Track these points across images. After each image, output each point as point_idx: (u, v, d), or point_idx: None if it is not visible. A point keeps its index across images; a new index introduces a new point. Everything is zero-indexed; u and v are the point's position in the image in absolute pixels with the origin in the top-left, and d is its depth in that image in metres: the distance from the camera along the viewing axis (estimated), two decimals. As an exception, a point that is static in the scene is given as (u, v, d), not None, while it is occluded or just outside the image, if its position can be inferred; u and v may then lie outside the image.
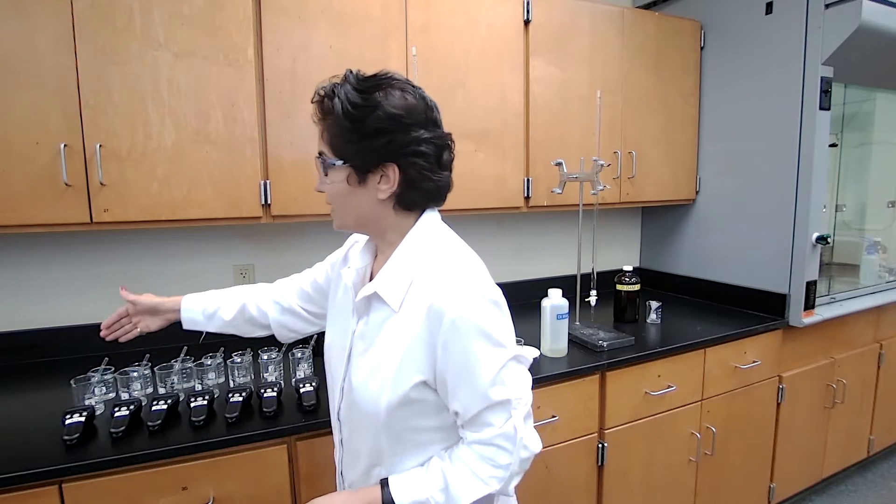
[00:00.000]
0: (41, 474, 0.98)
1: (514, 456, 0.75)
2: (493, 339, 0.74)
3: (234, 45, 1.38)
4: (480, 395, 0.74)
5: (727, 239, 2.21)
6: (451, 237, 0.85)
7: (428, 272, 0.77)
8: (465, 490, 0.73)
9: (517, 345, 0.83)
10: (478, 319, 0.73)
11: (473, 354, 0.73)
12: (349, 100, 0.73)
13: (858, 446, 2.44)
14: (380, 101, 0.73)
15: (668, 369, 1.70)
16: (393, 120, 0.73)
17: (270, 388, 1.25)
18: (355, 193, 0.78)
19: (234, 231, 1.77)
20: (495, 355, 0.74)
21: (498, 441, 0.75)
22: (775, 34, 1.95)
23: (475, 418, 0.75)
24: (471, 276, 0.76)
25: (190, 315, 1.08)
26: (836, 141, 2.45)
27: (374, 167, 0.75)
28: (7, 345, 1.54)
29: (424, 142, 0.75)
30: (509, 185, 1.84)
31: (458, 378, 0.74)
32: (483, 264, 0.82)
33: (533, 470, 1.48)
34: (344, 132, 0.74)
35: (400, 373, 0.76)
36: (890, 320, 2.44)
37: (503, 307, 0.78)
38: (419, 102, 0.76)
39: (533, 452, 0.79)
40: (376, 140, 0.73)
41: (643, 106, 2.09)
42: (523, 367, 0.82)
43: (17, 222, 1.25)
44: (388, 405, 0.77)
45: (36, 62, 1.21)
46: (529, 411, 0.79)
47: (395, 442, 0.79)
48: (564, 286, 1.74)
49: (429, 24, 1.62)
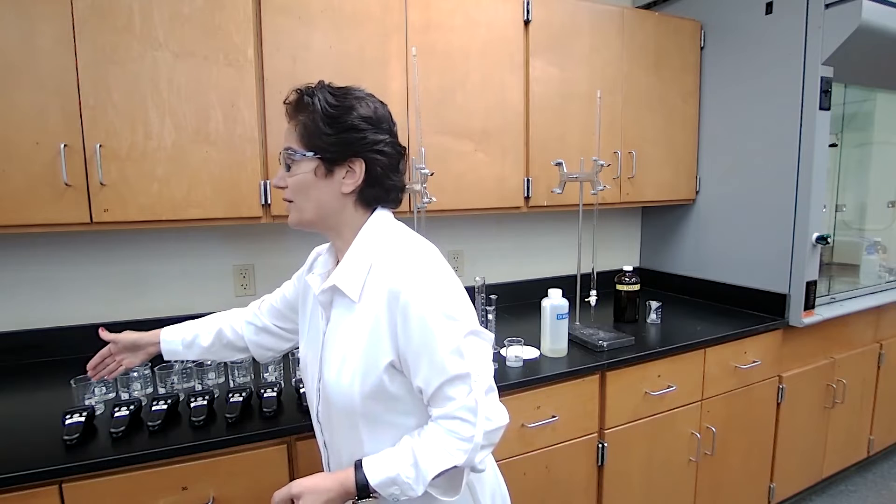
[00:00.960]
0: (41, 474, 0.98)
1: (477, 428, 0.76)
2: (448, 313, 0.77)
3: (234, 45, 1.39)
4: (439, 369, 0.76)
5: (727, 239, 2.21)
6: (403, 229, 0.89)
7: (383, 260, 0.82)
8: (433, 463, 0.75)
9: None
10: (432, 296, 0.77)
11: (430, 329, 0.76)
12: (327, 100, 0.81)
13: (858, 446, 2.44)
14: (354, 105, 0.82)
15: (668, 369, 1.70)
16: (365, 121, 0.81)
17: (270, 388, 1.25)
18: (320, 186, 0.83)
19: (234, 231, 1.77)
20: (451, 328, 0.77)
21: (460, 413, 0.76)
22: (775, 34, 1.95)
23: (437, 393, 0.77)
24: (423, 258, 0.81)
25: (169, 346, 1.10)
26: (836, 141, 2.45)
27: (342, 161, 0.82)
28: (7, 345, 1.54)
29: (388, 144, 0.84)
30: (509, 185, 1.84)
31: (418, 354, 0.77)
32: (436, 250, 0.87)
33: (533, 470, 1.49)
34: (319, 126, 0.80)
35: (368, 359, 0.80)
36: (890, 320, 2.44)
37: (456, 287, 0.82)
38: (386, 114, 0.86)
39: (499, 425, 0.79)
40: (350, 134, 0.80)
41: (643, 106, 2.09)
42: (484, 342, 0.83)
43: (17, 222, 1.25)
44: (362, 394, 0.80)
45: (36, 62, 1.21)
46: (492, 385, 0.81)
47: (372, 432, 0.83)
48: (564, 286, 1.74)
49: (429, 23, 1.62)
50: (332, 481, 0.79)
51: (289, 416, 1.20)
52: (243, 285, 1.80)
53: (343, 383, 0.81)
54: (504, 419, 0.81)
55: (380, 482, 0.76)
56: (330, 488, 0.78)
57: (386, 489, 0.76)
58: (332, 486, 0.78)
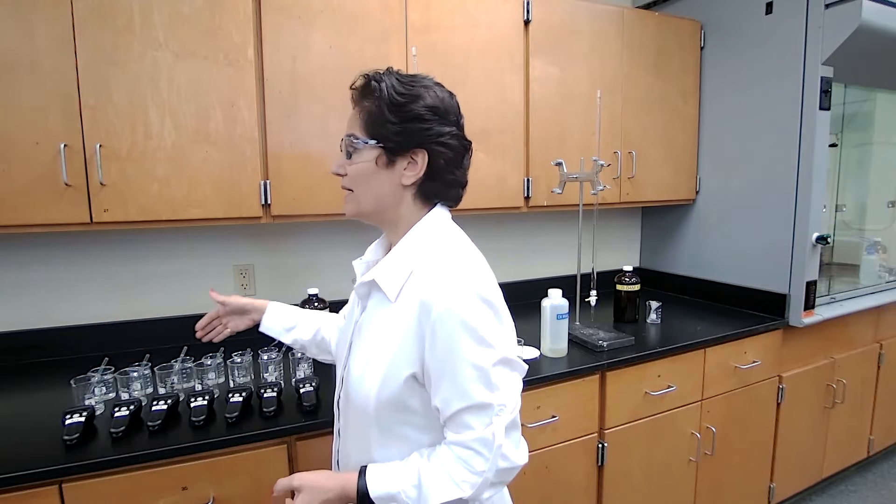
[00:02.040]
0: (41, 474, 0.98)
1: (490, 464, 0.72)
2: (480, 336, 0.73)
3: (234, 45, 1.38)
4: (460, 393, 0.72)
5: (727, 239, 2.21)
6: (458, 234, 0.85)
7: (427, 265, 0.77)
8: (437, 490, 0.72)
9: (516, 346, 0.81)
10: (465, 314, 0.72)
11: (457, 349, 0.72)
12: (394, 86, 0.78)
13: (858, 446, 2.44)
14: (422, 93, 0.78)
15: (668, 369, 1.70)
16: (431, 111, 0.78)
17: (270, 388, 1.25)
18: (380, 175, 0.80)
19: (234, 231, 1.77)
20: (480, 354, 0.73)
21: (475, 445, 0.73)
22: (775, 34, 1.95)
23: (455, 417, 0.74)
24: (466, 273, 0.76)
25: (271, 322, 1.11)
26: (836, 141, 2.45)
27: (404, 151, 0.79)
28: (7, 345, 1.54)
29: (454, 137, 0.81)
30: (509, 185, 1.84)
31: (441, 372, 0.73)
32: (485, 264, 0.82)
33: (533, 470, 1.49)
34: (384, 113, 0.77)
35: (392, 366, 0.77)
36: (890, 320, 2.44)
37: (498, 308, 0.76)
38: (453, 105, 0.82)
39: (515, 465, 0.75)
40: (415, 124, 0.77)
41: (643, 106, 2.09)
42: (515, 373, 0.78)
43: (17, 222, 1.25)
44: (378, 400, 0.78)
45: (36, 62, 1.21)
46: (516, 421, 0.76)
47: (383, 437, 0.80)
48: (564, 286, 1.74)
49: (429, 23, 1.62)
50: (334, 482, 0.77)
51: (289, 416, 1.20)
52: (243, 285, 1.80)
53: (364, 384, 0.80)
54: (522, 459, 0.76)
55: (379, 495, 0.73)
56: (330, 489, 0.76)
57: (384, 503, 0.74)
58: (332, 486, 0.76)
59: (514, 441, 0.76)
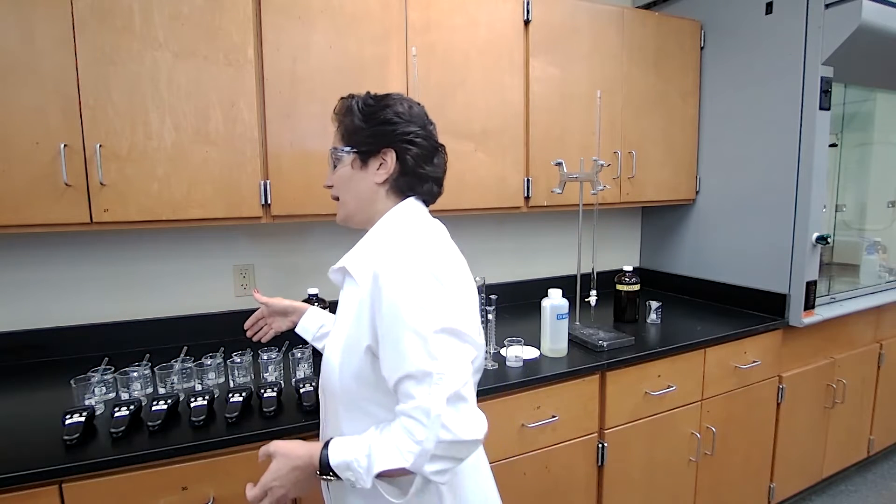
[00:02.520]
0: (41, 474, 0.98)
1: (430, 433, 0.71)
2: (421, 303, 0.75)
3: (234, 45, 1.38)
4: (401, 360, 0.75)
5: (727, 239, 2.21)
6: (424, 219, 0.90)
7: (385, 245, 0.84)
8: (383, 457, 0.74)
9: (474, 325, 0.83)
10: (409, 281, 0.76)
11: (399, 315, 0.75)
12: (365, 100, 0.91)
13: (858, 446, 2.44)
14: (390, 103, 0.90)
15: (668, 369, 1.70)
16: (397, 115, 0.89)
17: (270, 388, 1.25)
18: (357, 177, 0.90)
19: (234, 231, 1.77)
20: (421, 320, 0.74)
21: (416, 414, 0.73)
22: (775, 34, 1.95)
23: (398, 387, 0.76)
24: (417, 248, 0.81)
25: (305, 326, 1.18)
26: (836, 141, 2.45)
27: (376, 152, 0.89)
28: (7, 345, 1.54)
29: (420, 137, 0.90)
30: (509, 185, 1.84)
31: (385, 339, 0.77)
32: (445, 244, 0.87)
33: (533, 470, 1.49)
34: (356, 122, 0.89)
35: (350, 340, 0.83)
36: (890, 320, 2.44)
37: (445, 283, 0.79)
38: (421, 112, 0.93)
39: (459, 438, 0.72)
40: (383, 127, 0.88)
41: (643, 106, 2.09)
42: (465, 345, 0.78)
43: (17, 222, 1.25)
44: (342, 376, 0.84)
45: (36, 62, 1.21)
46: (460, 393, 0.73)
47: (350, 414, 0.85)
48: (564, 286, 1.74)
49: (429, 23, 1.62)
50: (304, 450, 0.82)
51: (289, 416, 1.20)
52: (243, 285, 1.80)
53: (331, 361, 0.86)
54: (470, 434, 0.73)
55: (337, 464, 0.77)
56: (300, 456, 0.81)
57: (342, 472, 0.77)
58: (302, 454, 0.81)
59: (459, 413, 0.73)
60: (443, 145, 0.95)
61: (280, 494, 0.82)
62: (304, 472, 0.81)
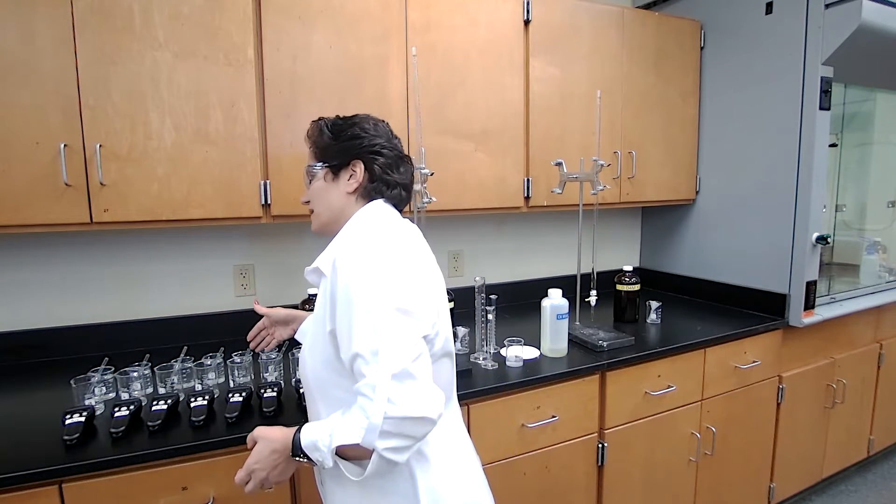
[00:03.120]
0: (41, 474, 0.98)
1: (376, 408, 0.72)
2: (373, 286, 0.78)
3: (234, 45, 1.39)
4: (352, 339, 0.78)
5: (727, 239, 2.21)
6: (388, 215, 0.95)
7: (348, 238, 0.88)
8: (341, 434, 0.77)
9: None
10: (361, 265, 0.80)
11: (350, 299, 0.78)
12: (334, 120, 0.99)
13: (858, 446, 2.44)
14: (356, 121, 0.98)
15: (668, 369, 1.70)
16: (363, 131, 0.96)
17: (270, 388, 1.25)
18: (329, 189, 0.97)
19: (234, 231, 1.77)
20: (369, 301, 0.78)
21: (365, 390, 0.75)
22: (775, 34, 1.95)
23: (353, 365, 0.79)
24: (371, 237, 0.86)
25: (303, 329, 1.13)
26: (836, 141, 2.45)
27: (345, 165, 0.95)
28: (7, 345, 1.54)
29: (386, 148, 0.97)
30: (509, 185, 1.84)
31: (340, 321, 0.80)
32: (404, 234, 0.91)
33: (533, 470, 1.49)
34: (326, 140, 0.97)
35: (316, 328, 0.88)
36: (890, 320, 2.44)
37: (398, 264, 0.83)
38: (384, 129, 0.99)
39: (408, 414, 0.73)
40: (351, 141, 0.95)
41: (643, 106, 2.09)
42: (413, 321, 0.80)
43: (17, 222, 1.25)
44: (313, 364, 0.89)
45: (36, 62, 1.21)
46: (407, 369, 0.75)
47: (326, 402, 0.89)
48: (564, 286, 1.74)
49: (429, 23, 1.62)
50: (281, 434, 0.85)
51: (289, 416, 1.21)
52: (243, 285, 1.80)
53: (305, 354, 0.91)
54: (419, 411, 0.74)
55: (306, 444, 0.80)
56: (277, 439, 0.85)
57: (311, 453, 0.80)
58: (280, 438, 0.85)
59: (406, 389, 0.74)
60: (409, 156, 1.01)
61: (262, 477, 0.86)
62: (282, 455, 0.85)
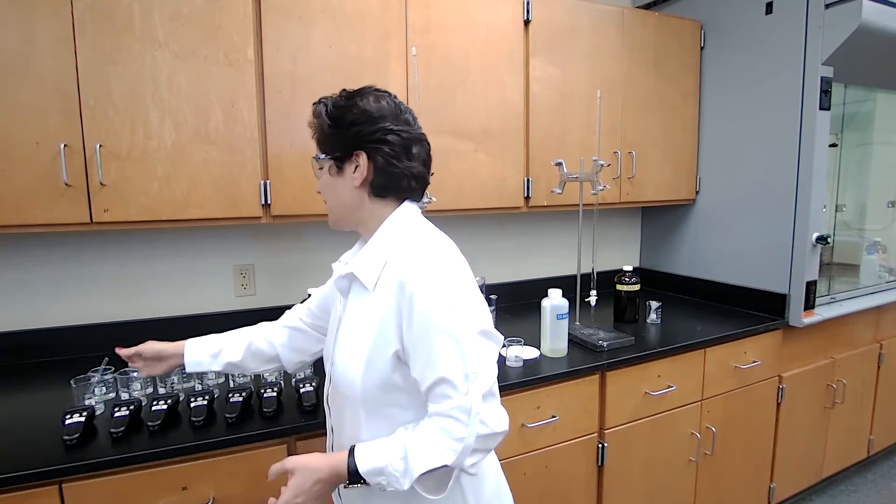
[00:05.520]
0: (41, 474, 0.98)
1: (470, 430, 0.75)
2: (452, 307, 0.78)
3: (234, 45, 1.38)
4: (436, 363, 0.76)
5: (727, 239, 2.21)
6: (427, 226, 0.91)
7: (401, 253, 0.83)
8: (422, 459, 0.75)
9: (490, 321, 0.85)
10: (437, 287, 0.78)
11: (431, 320, 0.77)
12: (333, 103, 0.88)
13: (858, 446, 2.44)
14: (356, 102, 0.86)
15: (668, 369, 1.70)
16: (363, 114, 0.85)
17: (270, 388, 1.25)
18: (336, 183, 0.89)
19: (234, 231, 1.77)
20: (453, 323, 0.77)
21: (454, 413, 0.76)
22: (775, 34, 1.95)
23: (433, 388, 0.77)
24: (437, 254, 0.83)
25: (194, 358, 1.07)
26: (836, 141, 2.45)
27: (348, 157, 0.87)
28: (7, 345, 1.54)
29: (390, 132, 0.85)
30: (509, 185, 1.84)
31: (417, 345, 0.78)
32: (456, 251, 0.88)
33: (533, 470, 1.49)
34: (326, 128, 0.88)
35: (374, 349, 0.82)
36: (890, 320, 2.44)
37: (469, 283, 0.83)
38: (391, 105, 0.88)
39: (494, 431, 0.78)
40: (350, 130, 0.86)
41: (643, 106, 2.09)
42: (490, 343, 0.83)
43: (17, 222, 1.25)
44: (364, 382, 0.83)
45: (36, 62, 1.21)
46: (492, 389, 0.79)
47: (371, 420, 0.84)
48: (564, 286, 1.74)
49: (429, 23, 1.62)
50: (325, 462, 0.80)
51: (289, 416, 1.21)
52: (243, 285, 1.80)
53: (349, 371, 0.84)
54: (501, 426, 0.79)
55: (368, 470, 0.76)
56: (321, 468, 0.79)
57: (373, 478, 0.77)
58: (323, 466, 0.79)
59: (491, 409, 0.78)
60: (423, 135, 0.91)
61: None
62: (328, 484, 0.80)
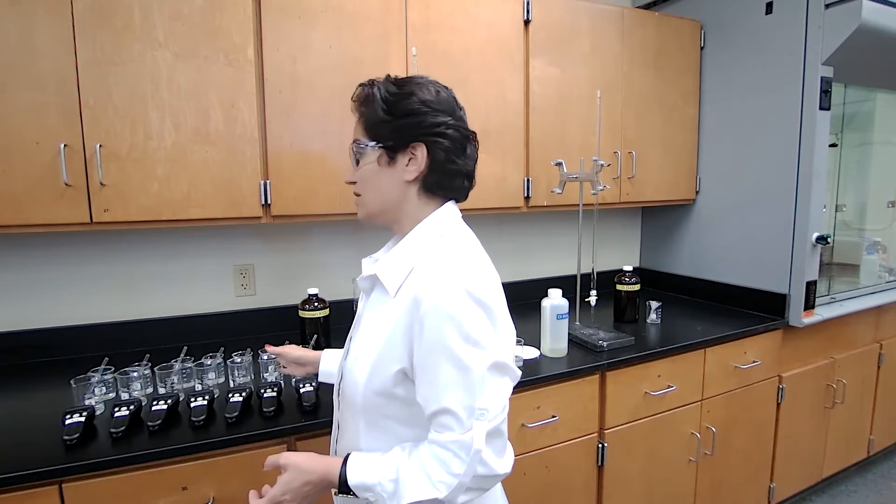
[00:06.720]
0: (41, 474, 0.98)
1: (468, 468, 0.70)
2: (466, 333, 0.71)
3: (234, 45, 1.38)
4: (441, 392, 0.71)
5: (727, 239, 2.21)
6: (464, 232, 0.85)
7: (426, 263, 0.77)
8: (413, 487, 0.72)
9: (513, 351, 0.81)
10: (453, 310, 0.71)
11: (442, 345, 0.71)
12: (387, 87, 0.82)
13: (858, 446, 2.44)
14: (413, 90, 0.81)
15: (668, 369, 1.70)
16: (424, 104, 0.80)
17: (270, 388, 1.25)
18: (384, 174, 0.82)
19: (234, 231, 1.77)
20: (466, 353, 0.71)
21: (453, 447, 0.71)
22: (775, 34, 1.95)
23: (436, 416, 0.73)
24: (461, 271, 0.75)
25: (327, 368, 1.12)
26: (836, 141, 2.45)
27: (403, 147, 0.80)
28: (8, 345, 1.54)
29: (451, 127, 0.81)
30: (509, 185, 1.84)
31: (425, 368, 0.73)
32: (489, 266, 0.82)
33: (533, 470, 1.49)
34: (380, 114, 0.81)
35: (381, 358, 0.78)
36: (890, 320, 2.44)
37: (492, 310, 0.75)
38: (449, 97, 0.83)
39: (494, 472, 0.73)
40: (408, 120, 0.79)
41: (643, 106, 2.09)
42: (505, 379, 0.76)
43: (17, 222, 1.25)
44: (366, 390, 0.79)
45: (36, 62, 1.21)
46: (500, 428, 0.73)
47: (369, 428, 0.82)
48: (564, 286, 1.74)
49: (429, 23, 1.62)
50: (318, 465, 0.79)
51: (289, 416, 1.20)
52: (243, 285, 1.80)
53: (355, 373, 0.81)
54: (503, 468, 0.74)
55: (357, 484, 0.74)
56: (313, 470, 0.78)
57: (362, 493, 0.74)
58: (316, 469, 0.78)
59: (496, 449, 0.73)
60: (473, 132, 0.86)
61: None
62: (316, 488, 0.78)
